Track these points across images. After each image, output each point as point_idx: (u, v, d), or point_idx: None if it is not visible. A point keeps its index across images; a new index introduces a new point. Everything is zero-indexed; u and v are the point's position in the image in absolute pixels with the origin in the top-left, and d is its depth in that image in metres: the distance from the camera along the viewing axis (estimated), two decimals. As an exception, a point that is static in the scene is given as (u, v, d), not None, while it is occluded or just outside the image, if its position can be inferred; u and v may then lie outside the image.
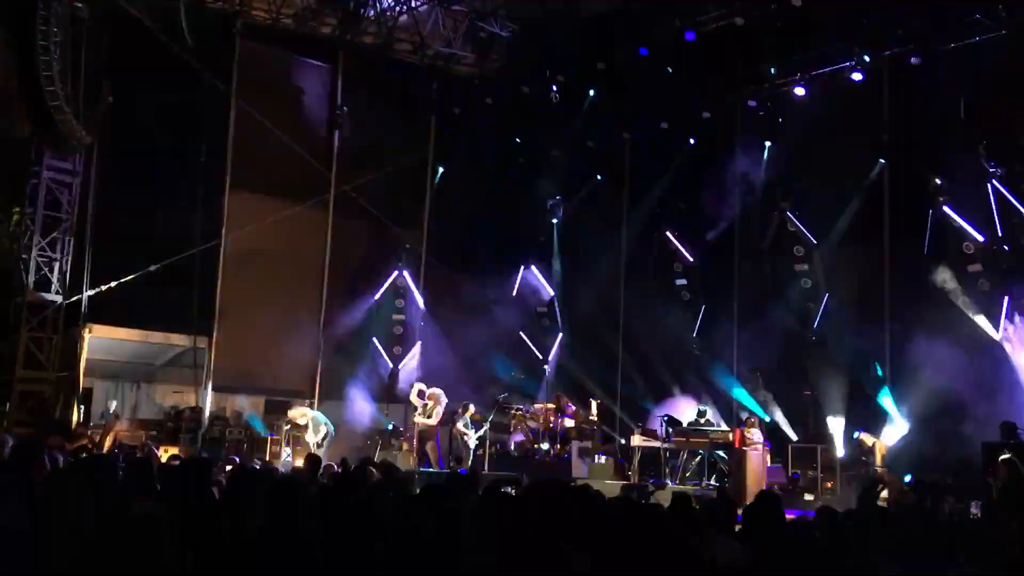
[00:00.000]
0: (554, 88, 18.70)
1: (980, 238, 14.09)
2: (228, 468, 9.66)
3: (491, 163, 20.77)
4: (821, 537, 4.57)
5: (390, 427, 18.29)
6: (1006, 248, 13.71)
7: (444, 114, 20.86)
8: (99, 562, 3.84)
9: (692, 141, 18.39)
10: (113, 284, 17.24)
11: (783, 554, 4.13)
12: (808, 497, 14.28)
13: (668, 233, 18.78)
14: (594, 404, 17.19)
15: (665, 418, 15.74)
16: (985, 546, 4.61)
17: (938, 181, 14.65)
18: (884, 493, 12.22)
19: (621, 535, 3.79)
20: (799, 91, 16.32)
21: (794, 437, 16.21)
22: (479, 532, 4.56)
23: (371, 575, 4.21)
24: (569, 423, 16.32)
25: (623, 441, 17.30)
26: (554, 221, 20.78)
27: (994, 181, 13.65)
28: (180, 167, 17.74)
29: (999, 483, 11.20)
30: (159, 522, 3.77)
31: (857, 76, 15.35)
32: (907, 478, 13.24)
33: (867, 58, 15.05)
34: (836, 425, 15.87)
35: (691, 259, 18.57)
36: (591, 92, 18.82)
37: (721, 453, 15.12)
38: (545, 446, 16.16)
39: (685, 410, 16.69)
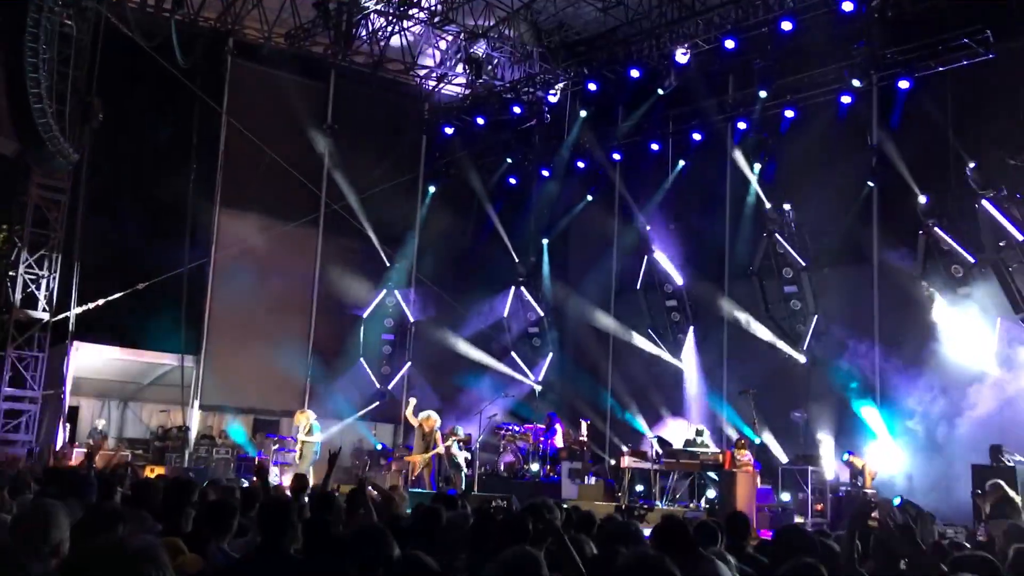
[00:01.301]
0: (545, 109, 18.77)
1: (971, 259, 14.13)
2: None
3: (481, 182, 20.79)
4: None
5: (379, 447, 18.18)
6: (994, 269, 13.74)
7: (434, 134, 20.90)
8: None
9: (683, 163, 18.47)
10: (101, 302, 17.14)
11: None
12: (798, 519, 14.22)
13: (657, 254, 18.80)
14: (584, 425, 17.13)
15: (656, 439, 15.69)
16: (979, 562, 4.58)
17: (926, 202, 14.71)
18: (875, 514, 12.17)
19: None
20: (789, 114, 16.42)
21: (784, 459, 16.17)
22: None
23: None
24: (559, 444, 16.25)
25: (613, 462, 17.23)
26: (544, 241, 20.80)
27: (984, 202, 13.70)
28: (170, 185, 17.68)
29: (988, 505, 11.20)
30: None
31: (846, 99, 15.46)
32: (896, 500, 13.20)
33: (856, 82, 15.15)
34: (826, 447, 15.85)
35: (680, 281, 18.58)
36: (582, 113, 18.88)
37: (711, 475, 15.06)
38: (535, 467, 16.07)
39: (674, 431, 16.64)
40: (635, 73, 17.27)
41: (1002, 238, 13.66)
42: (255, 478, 6.41)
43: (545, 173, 20.18)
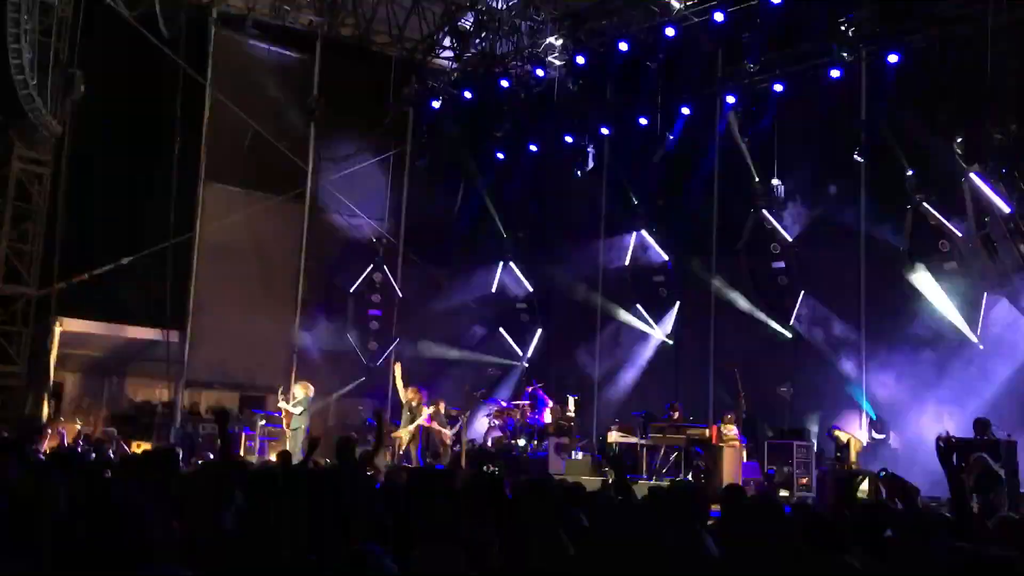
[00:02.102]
0: (533, 83, 18.63)
1: (958, 233, 14.13)
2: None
3: (469, 157, 20.67)
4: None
5: (367, 423, 18.13)
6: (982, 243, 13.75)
7: (422, 107, 20.74)
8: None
9: (671, 137, 18.38)
10: (85, 276, 17.00)
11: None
12: (783, 493, 14.30)
13: (645, 230, 18.76)
14: (571, 400, 17.15)
15: (644, 414, 15.72)
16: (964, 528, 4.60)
17: (913, 177, 14.70)
18: (864, 486, 12.27)
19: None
20: (778, 88, 16.34)
21: (770, 433, 16.24)
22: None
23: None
24: (546, 419, 16.27)
25: (600, 437, 17.27)
26: (532, 215, 20.71)
27: (971, 176, 13.69)
28: (154, 158, 17.50)
29: (971, 478, 11.28)
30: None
31: (836, 73, 15.39)
32: (880, 473, 13.28)
33: (846, 55, 15.08)
34: (812, 421, 15.92)
35: (667, 256, 18.55)
36: (570, 86, 18.75)
37: (698, 449, 15.11)
38: (522, 442, 16.10)
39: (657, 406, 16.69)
40: (624, 47, 17.16)
41: (988, 213, 13.66)
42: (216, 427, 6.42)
43: (533, 148, 20.05)
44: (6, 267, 16.21)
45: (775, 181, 16.72)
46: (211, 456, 13.47)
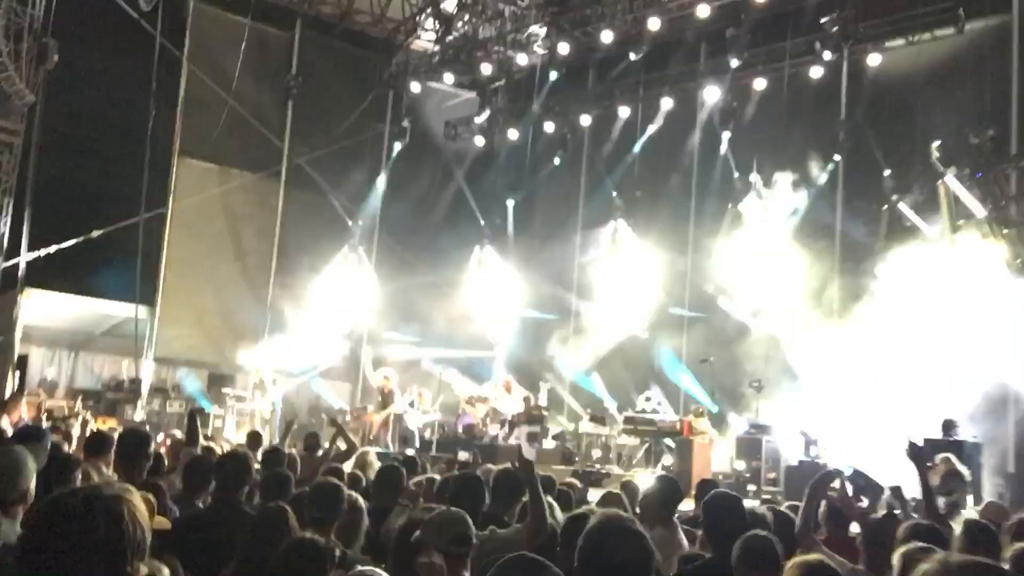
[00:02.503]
0: (515, 69, 18.54)
1: (933, 236, 14.25)
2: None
3: (448, 141, 20.53)
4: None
5: (336, 407, 18.04)
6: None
7: (401, 90, 20.56)
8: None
9: (652, 129, 18.38)
10: (53, 249, 16.70)
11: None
12: (751, 487, 14.39)
13: (623, 220, 18.74)
14: (544, 388, 17.14)
15: (616, 405, 15.75)
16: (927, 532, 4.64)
17: (890, 177, 14.81)
18: (835, 483, 12.33)
19: None
20: (759, 84, 16.38)
21: (741, 428, 16.32)
22: None
23: None
24: (518, 407, 16.24)
25: (572, 427, 17.27)
26: (510, 203, 20.63)
27: (947, 179, 13.79)
28: (127, 131, 17.19)
29: (937, 477, 11.41)
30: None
31: (817, 72, 15.45)
32: (848, 471, 13.38)
33: (827, 55, 15.15)
34: (781, 417, 16.00)
35: (644, 249, 18.53)
36: (552, 74, 18.67)
37: (668, 442, 15.16)
38: (493, 430, 16.07)
39: (635, 399, 16.72)
40: (607, 37, 17.11)
41: (962, 216, 13.78)
42: (187, 423, 6.34)
43: (513, 134, 19.96)
44: (-28, 236, 15.91)
45: (752, 177, 16.77)
46: (177, 434, 13.29)
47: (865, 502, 6.84)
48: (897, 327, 14.49)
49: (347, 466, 7.08)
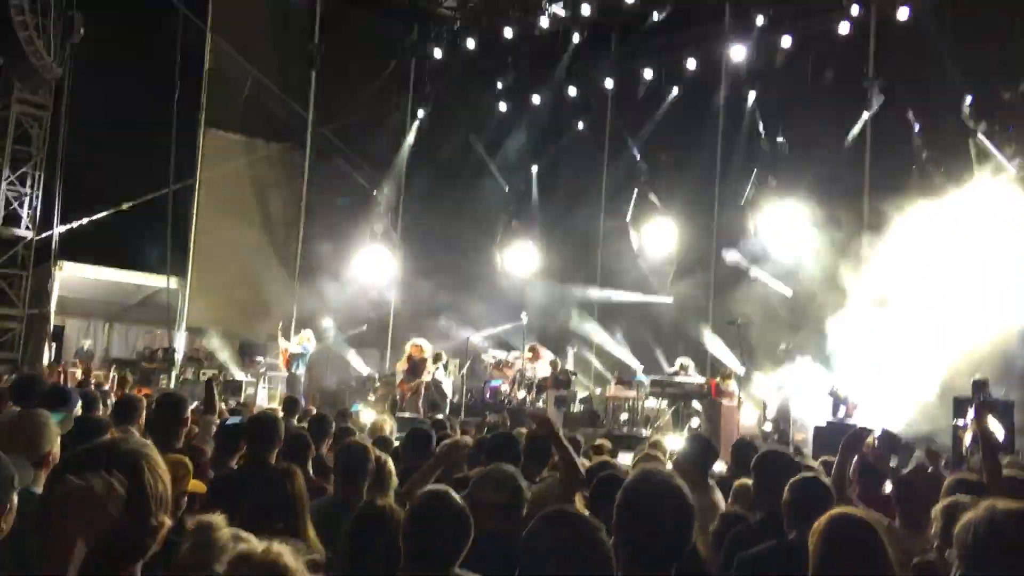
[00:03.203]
0: (537, 33, 18.38)
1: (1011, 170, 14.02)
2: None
3: (470, 108, 20.48)
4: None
5: (365, 373, 18.22)
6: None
7: (424, 57, 20.49)
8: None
9: (676, 91, 18.21)
10: (84, 221, 16.93)
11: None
12: (780, 449, 14.40)
13: (647, 184, 18.65)
14: (571, 353, 17.19)
15: (642, 368, 15.77)
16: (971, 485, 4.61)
17: (919, 134, 14.60)
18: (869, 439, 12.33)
19: None
20: (786, 41, 16.15)
21: (769, 390, 16.28)
22: None
23: None
24: (545, 371, 16.32)
25: (599, 391, 17.34)
26: (534, 169, 20.57)
27: (979, 135, 13.59)
28: (154, 104, 17.29)
29: (967, 436, 11.38)
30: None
31: (844, 27, 15.21)
32: (878, 431, 13.35)
33: (854, 10, 14.90)
34: (809, 377, 15.94)
35: (668, 212, 18.46)
36: (575, 37, 18.52)
37: (696, 404, 15.17)
38: (521, 394, 16.17)
39: (662, 363, 16.73)
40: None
41: (995, 172, 13.58)
42: (204, 392, 6.35)
43: (536, 99, 19.86)
44: (6, 210, 16.15)
45: (780, 138, 16.60)
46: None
47: (895, 461, 6.85)
48: (924, 288, 14.37)
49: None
